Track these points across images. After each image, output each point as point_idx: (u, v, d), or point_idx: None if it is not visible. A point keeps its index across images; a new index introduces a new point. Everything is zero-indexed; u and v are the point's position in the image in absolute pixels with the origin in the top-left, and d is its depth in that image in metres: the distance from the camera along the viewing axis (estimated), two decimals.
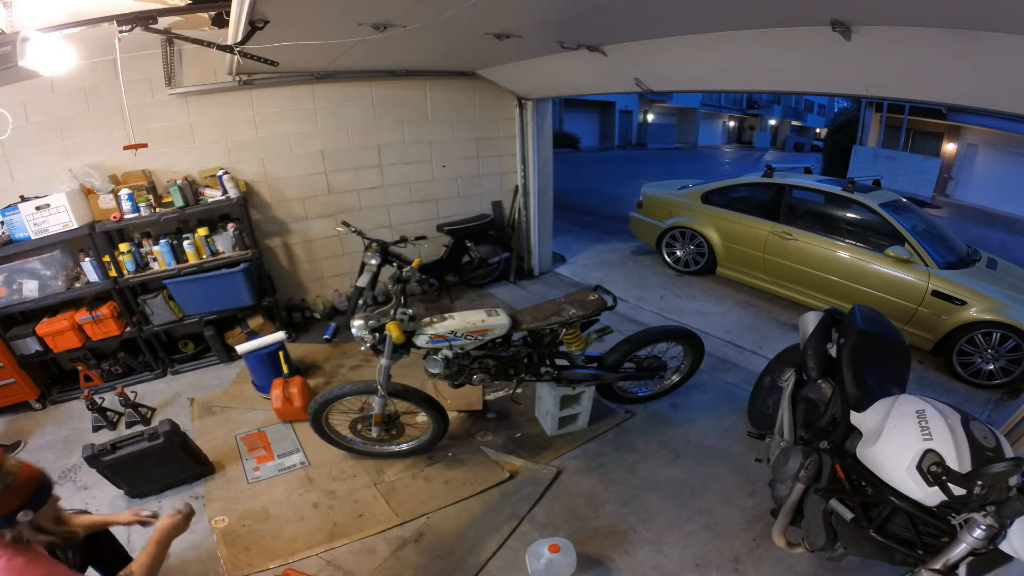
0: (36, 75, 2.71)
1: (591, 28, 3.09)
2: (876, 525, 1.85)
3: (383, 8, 2.42)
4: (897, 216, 4.58)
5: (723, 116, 33.07)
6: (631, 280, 5.98)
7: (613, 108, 24.85)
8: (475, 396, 3.62)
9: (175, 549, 2.55)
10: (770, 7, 2.39)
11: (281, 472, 3.06)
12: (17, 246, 3.47)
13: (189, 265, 3.93)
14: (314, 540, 2.59)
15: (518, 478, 2.98)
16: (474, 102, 5.28)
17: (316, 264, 4.98)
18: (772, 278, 5.29)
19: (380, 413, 2.83)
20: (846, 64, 2.60)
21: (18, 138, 3.52)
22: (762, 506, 2.71)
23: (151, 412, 3.67)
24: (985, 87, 2.34)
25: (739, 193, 5.73)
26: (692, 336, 3.41)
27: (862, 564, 2.36)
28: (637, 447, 3.23)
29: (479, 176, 5.61)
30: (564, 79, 4.62)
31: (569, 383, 3.14)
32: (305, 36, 2.84)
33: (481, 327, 2.79)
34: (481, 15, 2.62)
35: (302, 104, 4.45)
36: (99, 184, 3.64)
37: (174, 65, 3.84)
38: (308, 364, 4.22)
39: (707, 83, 4.01)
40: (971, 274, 4.23)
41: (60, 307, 3.80)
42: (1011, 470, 1.46)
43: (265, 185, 4.49)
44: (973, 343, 3.97)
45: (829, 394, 2.39)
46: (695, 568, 2.44)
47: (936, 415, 1.81)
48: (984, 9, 1.91)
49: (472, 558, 2.48)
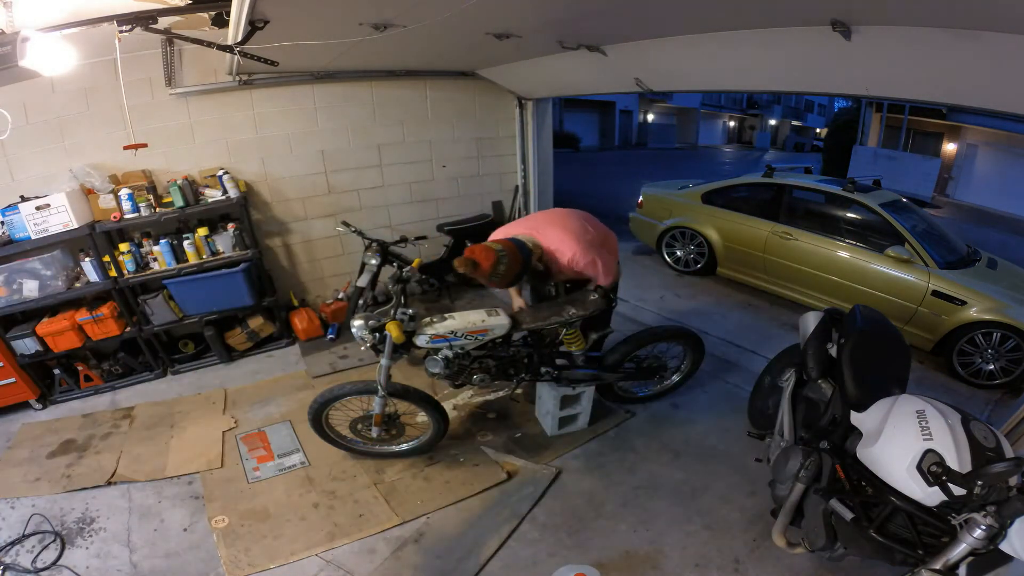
0: (36, 75, 2.71)
1: (591, 28, 3.09)
2: (876, 525, 1.85)
3: (383, 8, 2.42)
4: (897, 216, 4.58)
5: (723, 116, 33.06)
6: (631, 280, 5.96)
7: (613, 108, 24.84)
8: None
9: (175, 549, 2.56)
10: (770, 7, 2.39)
11: (281, 472, 3.06)
12: (17, 246, 3.47)
13: (189, 265, 3.93)
14: (314, 540, 2.59)
15: (518, 478, 2.98)
16: (474, 102, 5.28)
17: (316, 264, 4.98)
18: (772, 278, 5.29)
19: (380, 413, 2.83)
20: (846, 64, 2.60)
21: (18, 138, 3.52)
22: (762, 506, 2.71)
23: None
24: (985, 87, 2.34)
25: (739, 193, 5.72)
26: (692, 336, 3.41)
27: (862, 564, 2.35)
28: (637, 447, 3.23)
29: (479, 176, 5.61)
30: (564, 79, 4.62)
31: (569, 383, 3.14)
32: (305, 36, 2.84)
33: (481, 327, 2.79)
34: (481, 15, 2.62)
35: (302, 104, 4.45)
36: (99, 184, 3.64)
37: (174, 65, 3.84)
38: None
39: (707, 83, 4.02)
40: (971, 274, 4.23)
41: (60, 307, 3.79)
42: (1011, 470, 1.46)
43: (265, 185, 4.49)
44: (973, 343, 3.97)
45: (829, 394, 2.39)
46: (695, 568, 2.44)
47: (936, 415, 1.81)
48: (984, 9, 1.91)
49: (472, 558, 2.48)
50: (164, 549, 2.56)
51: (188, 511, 2.79)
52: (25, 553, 2.53)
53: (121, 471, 3.06)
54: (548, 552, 2.53)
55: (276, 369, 4.22)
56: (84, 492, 2.92)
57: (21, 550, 2.55)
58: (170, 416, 3.62)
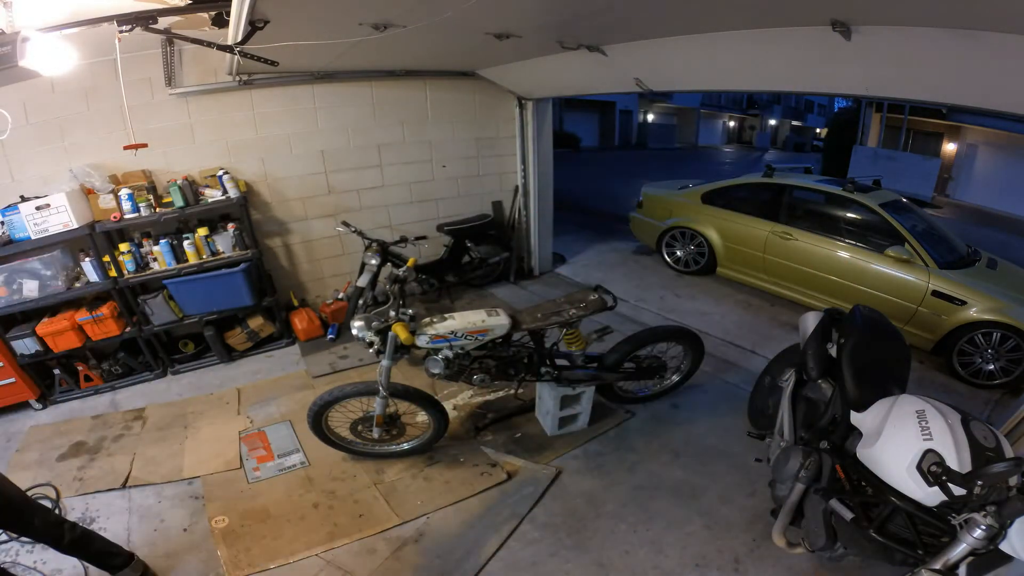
0: (36, 75, 2.71)
1: (591, 28, 3.09)
2: (876, 525, 1.85)
3: (383, 8, 2.43)
4: (897, 216, 4.58)
5: (723, 116, 33.06)
6: (631, 280, 5.98)
7: (613, 108, 24.83)
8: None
9: (175, 549, 2.56)
10: (770, 7, 2.39)
11: (281, 472, 3.06)
12: (17, 246, 3.47)
13: (189, 265, 3.93)
14: (314, 540, 2.59)
15: (518, 478, 2.98)
16: (474, 102, 5.28)
17: (316, 264, 4.98)
18: (772, 278, 5.29)
19: (382, 414, 2.83)
20: (846, 64, 2.60)
21: (18, 138, 3.52)
22: (762, 506, 2.71)
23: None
24: (985, 87, 2.34)
25: (739, 193, 5.72)
26: (692, 336, 3.41)
27: (862, 564, 2.36)
28: (637, 447, 3.23)
29: (479, 176, 5.61)
30: (564, 79, 4.62)
31: (569, 383, 3.14)
32: (305, 36, 2.84)
33: (481, 327, 2.79)
34: (481, 15, 2.62)
35: (302, 104, 4.45)
36: (99, 184, 3.64)
37: (174, 65, 3.84)
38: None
39: (707, 83, 4.01)
40: (971, 274, 4.23)
41: (60, 307, 3.80)
42: (1011, 470, 1.46)
43: (265, 185, 4.49)
44: (973, 343, 3.97)
45: (829, 394, 2.39)
46: (695, 568, 2.44)
47: (936, 415, 1.81)
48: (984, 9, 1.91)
49: (472, 558, 2.48)
50: (164, 549, 2.56)
51: (188, 511, 2.79)
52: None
53: (136, 473, 3.05)
54: (548, 552, 2.53)
55: (276, 369, 4.22)
56: (84, 492, 2.92)
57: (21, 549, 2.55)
58: (183, 417, 3.61)
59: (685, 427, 3.40)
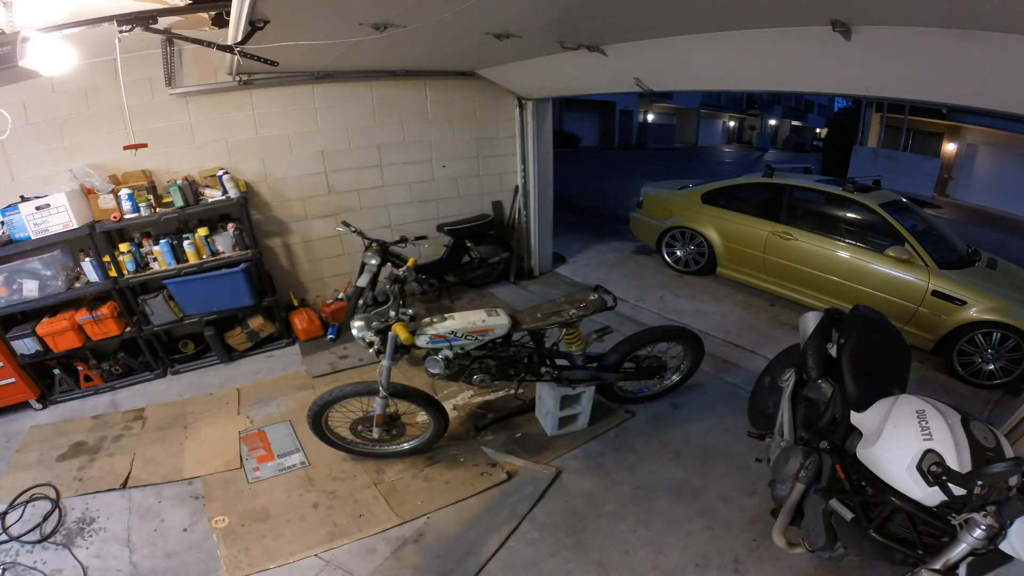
0: (36, 75, 2.71)
1: (591, 28, 3.09)
2: (876, 525, 1.85)
3: (383, 8, 2.42)
4: (897, 216, 4.58)
5: (723, 116, 33.06)
6: (631, 280, 5.98)
7: (613, 108, 24.84)
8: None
9: (175, 549, 2.56)
10: (770, 7, 2.39)
11: (281, 472, 3.06)
12: (17, 246, 3.46)
13: (189, 265, 3.93)
14: (314, 540, 2.59)
15: (518, 478, 2.98)
16: (474, 102, 5.28)
17: (316, 264, 4.98)
18: (772, 278, 5.29)
19: (382, 414, 2.82)
20: (846, 64, 2.60)
21: (18, 138, 3.52)
22: (762, 506, 2.71)
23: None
24: (985, 87, 2.34)
25: (739, 193, 5.72)
26: (692, 336, 3.40)
27: (862, 564, 2.36)
28: (637, 447, 3.23)
29: (479, 176, 5.61)
30: (564, 79, 4.62)
31: (569, 383, 3.14)
32: (305, 36, 2.84)
33: (481, 327, 2.79)
34: (481, 15, 2.62)
35: (302, 104, 4.45)
36: (99, 184, 3.64)
37: (174, 65, 3.84)
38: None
39: (707, 83, 4.01)
40: (971, 274, 4.23)
41: (60, 307, 3.79)
42: (1011, 470, 1.46)
43: (265, 185, 4.49)
44: (973, 343, 3.97)
45: (829, 394, 2.39)
46: (695, 568, 2.44)
47: (936, 415, 1.81)
48: (984, 9, 1.91)
49: (472, 558, 2.48)
50: (164, 549, 2.56)
51: (188, 511, 2.79)
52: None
53: (136, 474, 3.04)
54: (548, 552, 2.53)
55: (276, 369, 4.22)
56: (84, 492, 2.92)
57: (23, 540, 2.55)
58: (183, 417, 3.61)
59: (685, 427, 3.40)
